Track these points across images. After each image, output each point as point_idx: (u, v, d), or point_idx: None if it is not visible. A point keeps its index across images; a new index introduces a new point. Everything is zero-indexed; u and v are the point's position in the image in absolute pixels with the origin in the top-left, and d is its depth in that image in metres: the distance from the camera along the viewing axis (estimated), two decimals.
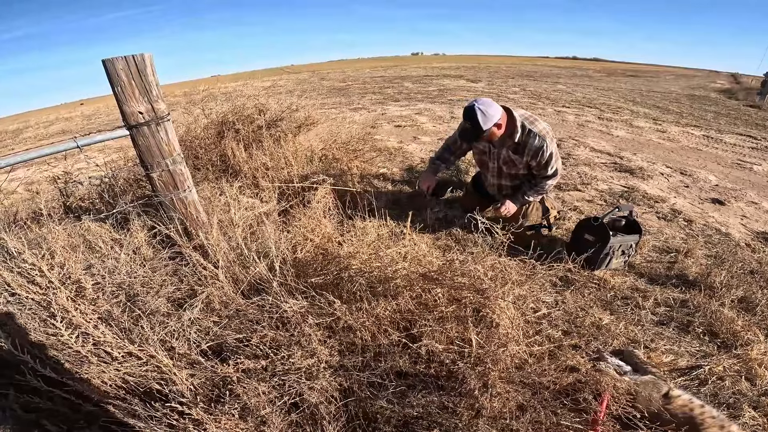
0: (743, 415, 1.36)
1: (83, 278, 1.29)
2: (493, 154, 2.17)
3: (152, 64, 1.49)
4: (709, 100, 10.90)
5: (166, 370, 1.10)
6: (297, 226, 1.89)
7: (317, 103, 4.30)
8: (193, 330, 1.22)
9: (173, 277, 1.51)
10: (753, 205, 3.22)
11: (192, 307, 1.31)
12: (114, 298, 1.34)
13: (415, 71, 18.02)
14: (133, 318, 1.26)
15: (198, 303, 1.33)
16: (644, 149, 4.77)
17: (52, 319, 1.14)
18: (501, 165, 2.19)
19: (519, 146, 2.03)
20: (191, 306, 1.32)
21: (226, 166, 2.82)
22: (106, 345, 1.13)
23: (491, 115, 1.90)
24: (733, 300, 1.87)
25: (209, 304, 1.38)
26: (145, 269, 1.50)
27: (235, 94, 3.46)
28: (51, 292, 1.19)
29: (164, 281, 1.48)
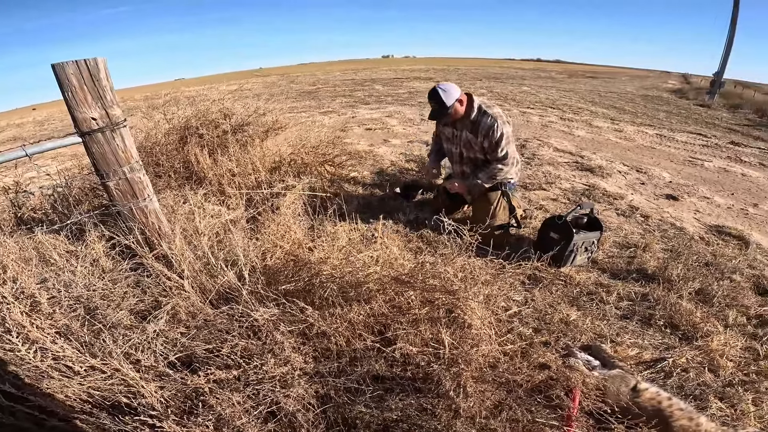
0: (710, 406, 1.39)
1: (38, 293, 1.24)
2: (457, 138, 2.32)
3: (106, 68, 1.43)
4: (662, 100, 11.60)
5: (133, 383, 1.07)
6: (266, 233, 1.85)
7: (286, 107, 4.23)
8: (159, 342, 1.20)
9: (135, 289, 1.48)
10: (705, 200, 3.44)
11: (157, 319, 1.27)
12: (72, 311, 1.29)
13: (386, 74, 18.14)
14: (94, 332, 1.22)
15: (163, 314, 1.29)
16: (603, 148, 5.00)
17: (7, 334, 1.09)
18: (462, 149, 2.33)
19: (474, 125, 2.19)
20: (156, 318, 1.28)
21: (190, 173, 2.73)
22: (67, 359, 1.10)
23: (451, 93, 2.12)
24: (690, 292, 1.96)
25: (175, 315, 1.34)
26: (104, 281, 1.45)
27: (199, 98, 3.35)
28: (4, 308, 1.14)
29: (125, 293, 1.44)
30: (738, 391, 1.45)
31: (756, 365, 1.58)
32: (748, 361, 1.60)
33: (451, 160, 2.43)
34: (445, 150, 2.45)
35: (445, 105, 2.11)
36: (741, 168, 4.50)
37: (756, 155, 5.18)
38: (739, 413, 1.37)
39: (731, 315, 1.83)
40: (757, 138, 6.45)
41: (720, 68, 12.51)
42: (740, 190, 3.78)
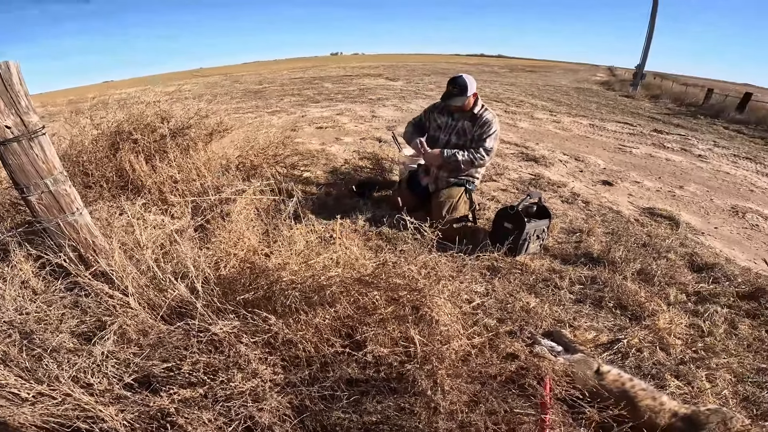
0: (668, 384, 1.45)
1: None
2: (449, 127, 2.44)
3: (19, 72, 1.31)
4: (592, 92, 12.54)
5: (89, 407, 1.02)
6: (217, 242, 1.76)
7: (230, 108, 4.01)
8: (109, 364, 1.14)
9: (74, 310, 1.39)
10: (636, 184, 3.75)
11: (103, 340, 1.20)
12: (7, 337, 1.23)
13: (335, 71, 17.92)
14: (35, 357, 1.17)
15: (109, 335, 1.22)
16: (545, 139, 5.30)
17: None
18: (451, 137, 2.43)
19: (475, 117, 2.37)
20: (101, 339, 1.21)
21: (125, 182, 2.51)
22: (10, 387, 1.05)
23: (472, 84, 2.30)
24: (633, 273, 2.09)
25: (124, 334, 1.27)
26: (37, 304, 1.37)
27: (131, 100, 3.09)
28: None
29: (63, 315, 1.36)
30: (691, 368, 1.53)
31: (702, 342, 1.68)
32: (695, 338, 1.71)
33: (434, 146, 2.48)
34: (431, 136, 2.53)
35: (466, 92, 2.27)
36: (665, 153, 4.97)
37: (677, 141, 5.74)
38: (696, 390, 1.44)
39: (672, 293, 1.96)
40: (677, 125, 7.17)
41: (641, 61, 13.75)
42: (666, 173, 4.17)
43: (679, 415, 1.24)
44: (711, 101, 9.93)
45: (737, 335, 1.74)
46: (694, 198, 3.51)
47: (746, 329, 1.77)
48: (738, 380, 1.50)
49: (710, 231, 2.85)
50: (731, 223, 3.03)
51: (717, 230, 2.89)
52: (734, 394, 1.44)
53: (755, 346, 1.69)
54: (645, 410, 1.23)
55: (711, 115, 8.50)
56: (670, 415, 1.23)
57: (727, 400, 1.41)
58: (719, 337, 1.72)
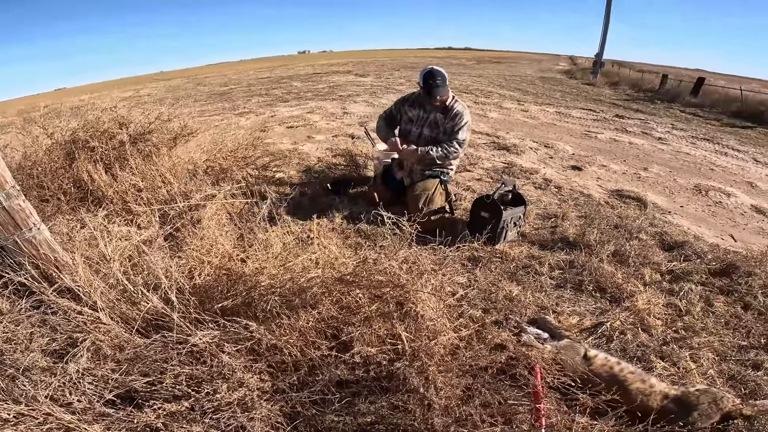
0: (654, 366, 1.45)
1: None
2: (421, 119, 2.44)
3: None
4: (556, 80, 12.90)
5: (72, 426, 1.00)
6: (189, 250, 1.70)
7: (195, 111, 3.85)
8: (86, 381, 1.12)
9: (43, 328, 1.36)
10: (604, 168, 3.87)
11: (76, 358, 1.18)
12: None
13: (303, 70, 17.62)
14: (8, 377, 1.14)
15: (82, 352, 1.20)
16: (514, 128, 5.40)
17: None
18: (423, 129, 2.43)
19: (447, 109, 2.38)
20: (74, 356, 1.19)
21: (84, 193, 2.38)
22: None
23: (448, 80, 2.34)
24: (608, 255, 2.12)
25: (98, 350, 1.25)
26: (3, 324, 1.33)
27: (86, 107, 2.92)
28: None
29: (32, 334, 1.33)
30: (674, 349, 1.54)
31: (681, 321, 1.71)
32: (673, 318, 1.74)
33: (404, 138, 2.48)
34: (402, 129, 2.52)
35: (446, 84, 2.30)
36: (628, 137, 5.17)
37: (638, 125, 5.99)
38: (683, 371, 1.45)
39: (647, 273, 2.01)
40: (637, 110, 7.47)
41: (600, 49, 14.26)
42: (630, 156, 4.33)
43: (670, 396, 1.25)
44: (666, 86, 10.41)
45: (714, 313, 1.78)
46: (659, 179, 3.66)
47: (722, 306, 1.82)
48: (721, 359, 1.53)
49: (676, 210, 2.97)
50: (696, 201, 3.18)
51: (683, 209, 3.02)
52: (719, 373, 1.46)
53: (733, 323, 1.72)
54: (636, 393, 1.24)
55: (667, 100, 8.91)
56: (661, 397, 1.24)
57: (714, 380, 1.42)
58: (697, 315, 1.75)
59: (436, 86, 2.26)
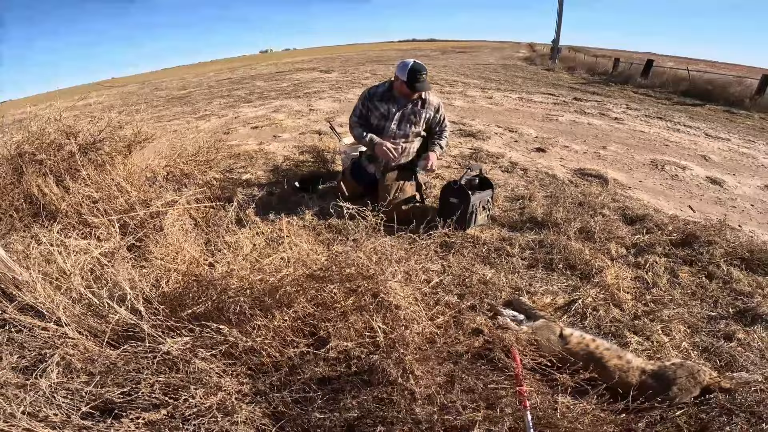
0: (629, 341, 1.47)
1: None
2: (395, 114, 2.40)
3: None
4: (517, 67, 13.20)
5: None
6: (153, 258, 1.66)
7: (147, 117, 3.67)
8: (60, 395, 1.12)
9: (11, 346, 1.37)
10: (566, 149, 4.00)
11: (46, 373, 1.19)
12: None
13: (266, 69, 17.19)
14: None
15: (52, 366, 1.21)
16: (480, 115, 5.49)
17: None
18: (401, 124, 2.42)
19: (424, 102, 2.41)
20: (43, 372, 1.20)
21: (37, 208, 2.27)
22: None
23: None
24: (575, 232, 2.17)
25: (69, 365, 1.24)
26: None
27: (30, 119, 2.73)
28: None
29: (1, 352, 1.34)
30: (646, 322, 1.56)
31: (650, 294, 1.74)
32: (642, 291, 1.77)
33: (381, 134, 2.42)
34: (375, 126, 2.48)
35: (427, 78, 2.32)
36: (586, 119, 5.36)
37: (595, 107, 6.22)
38: (656, 345, 1.46)
39: (613, 248, 2.06)
40: (593, 93, 7.77)
41: (556, 35, 14.69)
42: (590, 137, 4.49)
43: (647, 372, 1.26)
44: (619, 69, 10.86)
45: (680, 284, 1.82)
46: (617, 156, 3.81)
47: (687, 277, 1.87)
48: (693, 331, 1.55)
49: (636, 185, 3.11)
50: (653, 176, 3.33)
51: (641, 183, 3.16)
52: (693, 345, 1.48)
53: (699, 293, 1.76)
54: (614, 370, 1.25)
55: (620, 82, 9.31)
56: (639, 372, 1.25)
57: (689, 353, 1.44)
58: (664, 287, 1.79)
59: (421, 80, 2.26)
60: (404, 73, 2.25)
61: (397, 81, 2.33)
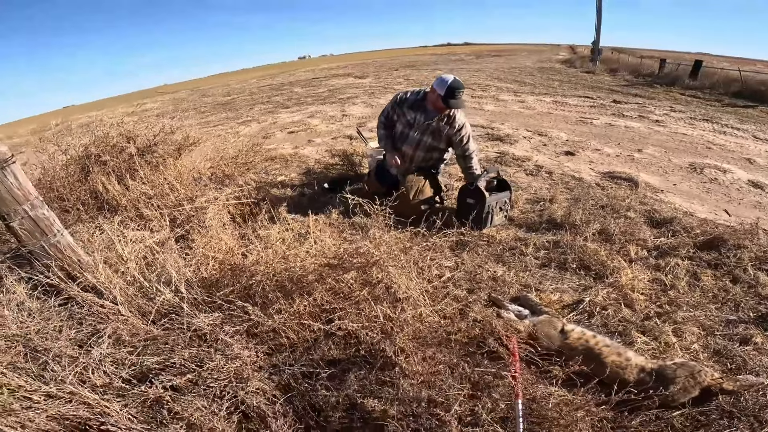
0: (635, 341, 1.45)
1: None
2: (421, 126, 2.43)
3: None
4: (555, 70, 12.85)
5: (94, 403, 1.09)
6: (196, 248, 1.86)
7: (197, 122, 4.03)
8: (107, 362, 1.24)
9: (70, 321, 1.48)
10: (597, 152, 3.93)
11: (98, 344, 1.30)
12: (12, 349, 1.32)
13: (304, 75, 17.87)
14: (40, 364, 1.26)
15: (104, 338, 1.32)
16: (510, 119, 5.47)
17: None
18: (424, 137, 2.45)
19: (449, 118, 2.40)
20: (97, 342, 1.32)
21: (101, 203, 2.57)
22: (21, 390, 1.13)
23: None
24: (593, 234, 2.16)
25: (119, 338, 1.37)
26: (35, 320, 1.45)
27: (94, 124, 3.11)
28: None
29: (61, 326, 1.44)
30: (657, 323, 1.53)
31: (666, 296, 1.70)
32: (658, 293, 1.73)
33: (401, 141, 2.52)
34: (399, 132, 2.54)
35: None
36: (624, 121, 5.20)
37: (635, 109, 6.00)
38: (663, 345, 1.44)
39: (632, 250, 2.03)
40: (635, 95, 7.46)
41: (595, 37, 14.16)
42: (625, 140, 4.37)
43: (646, 370, 1.25)
44: (665, 70, 10.32)
45: (701, 287, 1.75)
46: (653, 159, 3.70)
47: (709, 280, 1.80)
48: (707, 333, 1.50)
49: (669, 188, 3.02)
50: (690, 179, 3.21)
51: (676, 187, 3.06)
52: (704, 347, 1.44)
53: (720, 296, 1.69)
54: (611, 366, 1.25)
55: (667, 84, 8.85)
56: (637, 370, 1.25)
57: (698, 354, 1.40)
58: (683, 290, 1.73)
59: (457, 98, 2.29)
60: (443, 88, 2.27)
61: (433, 94, 2.34)
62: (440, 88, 2.29)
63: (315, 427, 1.20)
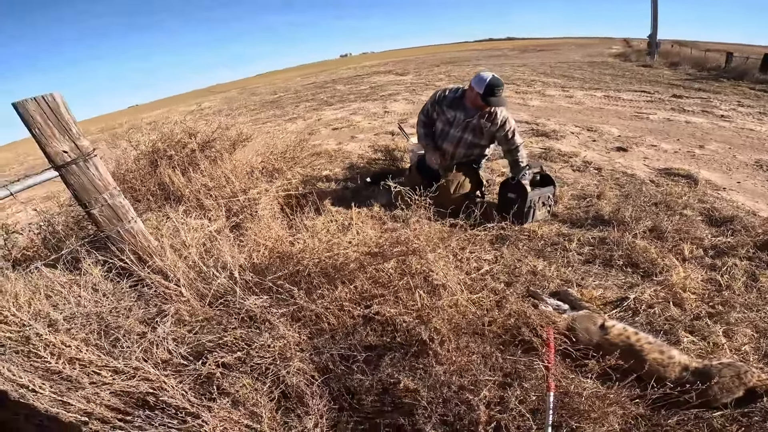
0: (681, 340, 1.41)
1: (52, 312, 1.36)
2: (461, 123, 2.45)
3: (64, 102, 1.50)
4: (607, 64, 12.14)
5: (155, 378, 1.16)
6: (248, 235, 1.99)
7: (249, 120, 4.28)
8: (170, 340, 1.31)
9: (139, 301, 1.59)
10: (653, 148, 3.72)
11: (163, 322, 1.38)
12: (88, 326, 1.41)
13: (346, 73, 18.22)
14: (112, 340, 1.34)
15: (168, 317, 1.41)
16: (556, 114, 5.29)
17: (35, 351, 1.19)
18: (465, 134, 2.46)
19: (490, 115, 2.38)
20: (162, 321, 1.40)
21: (167, 194, 2.80)
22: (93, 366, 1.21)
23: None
24: (644, 231, 2.08)
25: (180, 318, 1.46)
26: (109, 299, 1.56)
27: (160, 122, 3.41)
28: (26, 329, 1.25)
29: (131, 306, 1.54)
30: (707, 323, 1.48)
31: (720, 296, 1.63)
32: (712, 293, 1.66)
33: (442, 139, 2.56)
34: (439, 130, 2.56)
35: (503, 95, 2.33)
36: (685, 117, 4.86)
37: (698, 104, 5.57)
38: (712, 346, 1.39)
39: (687, 248, 1.93)
40: (699, 89, 6.91)
41: (652, 30, 13.20)
42: (685, 135, 4.10)
43: (690, 369, 1.21)
44: (732, 64, 9.45)
45: (758, 288, 1.66)
46: (715, 156, 3.45)
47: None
48: (761, 335, 1.43)
49: (732, 186, 2.82)
50: (755, 177, 2.98)
51: (740, 185, 2.85)
52: (755, 349, 1.37)
53: None
54: (652, 363, 1.22)
55: (734, 78, 8.10)
56: (680, 368, 1.21)
57: (748, 356, 1.34)
58: (738, 290, 1.65)
59: (497, 96, 2.27)
60: (481, 86, 2.25)
61: (471, 92, 2.33)
62: (479, 86, 2.27)
63: (348, 409, 1.24)
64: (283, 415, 1.21)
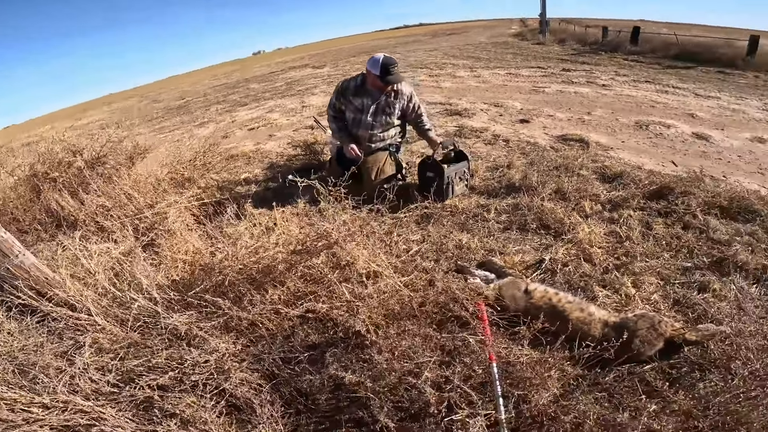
0: (597, 295, 1.47)
1: None
2: (368, 108, 2.48)
3: None
4: (508, 44, 13.09)
5: (89, 409, 1.12)
6: (162, 253, 1.88)
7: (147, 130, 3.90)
8: (92, 369, 1.27)
9: (50, 336, 1.53)
10: (550, 118, 4.10)
11: (81, 353, 1.33)
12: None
13: (260, 70, 17.38)
14: (30, 378, 1.28)
15: (85, 347, 1.35)
16: (467, 94, 5.59)
17: None
18: (377, 116, 2.51)
19: (397, 93, 2.48)
20: (80, 352, 1.34)
21: (58, 220, 2.51)
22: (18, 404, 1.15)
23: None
24: (550, 193, 2.25)
25: (100, 347, 1.40)
26: (16, 338, 1.50)
27: (37, 141, 2.97)
28: None
29: (42, 342, 1.48)
30: (616, 276, 1.56)
31: (622, 247, 1.75)
32: (614, 245, 1.79)
33: (356, 126, 2.56)
34: (351, 119, 2.57)
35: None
36: (573, 88, 5.42)
37: (583, 76, 6.25)
38: (625, 297, 1.46)
39: (587, 205, 2.11)
40: (583, 63, 7.76)
41: (542, 9, 14.49)
42: (575, 104, 4.57)
43: (609, 324, 1.26)
44: (608, 38, 10.66)
45: (654, 236, 1.81)
46: (602, 120, 3.90)
47: (661, 228, 1.87)
48: (665, 282, 1.52)
49: (618, 146, 3.20)
50: (636, 136, 3.41)
51: (624, 143, 3.25)
52: (664, 297, 1.46)
53: (674, 244, 1.74)
54: (575, 323, 1.26)
55: (610, 50, 9.17)
56: (601, 325, 1.26)
57: (658, 305, 1.42)
58: (637, 239, 1.79)
59: (393, 74, 2.35)
60: (377, 68, 2.33)
61: (369, 75, 2.40)
62: (374, 68, 2.34)
63: (305, 411, 1.22)
64: (239, 428, 1.17)
